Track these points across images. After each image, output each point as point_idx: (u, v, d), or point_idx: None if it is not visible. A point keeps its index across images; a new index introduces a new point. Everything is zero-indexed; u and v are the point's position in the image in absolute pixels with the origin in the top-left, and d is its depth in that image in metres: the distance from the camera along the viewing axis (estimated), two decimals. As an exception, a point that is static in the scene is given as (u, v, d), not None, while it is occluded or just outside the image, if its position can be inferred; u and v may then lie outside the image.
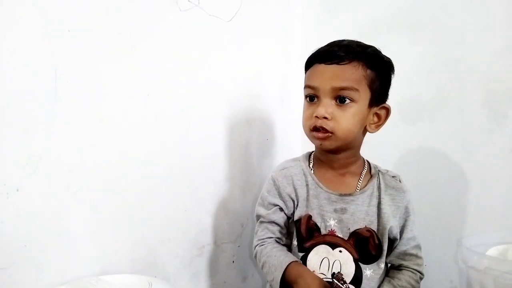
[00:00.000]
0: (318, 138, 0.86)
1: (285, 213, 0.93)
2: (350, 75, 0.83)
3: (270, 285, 0.89)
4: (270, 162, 1.31)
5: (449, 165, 1.12)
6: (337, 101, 0.84)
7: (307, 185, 0.91)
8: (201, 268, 1.11)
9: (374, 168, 0.94)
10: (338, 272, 0.85)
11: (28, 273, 0.80)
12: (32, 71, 0.80)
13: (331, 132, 0.84)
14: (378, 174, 0.93)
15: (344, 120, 0.84)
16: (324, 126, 0.84)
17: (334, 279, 0.81)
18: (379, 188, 0.91)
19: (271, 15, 1.32)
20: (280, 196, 0.92)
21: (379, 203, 0.89)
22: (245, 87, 1.23)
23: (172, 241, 1.05)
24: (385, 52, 0.90)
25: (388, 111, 0.90)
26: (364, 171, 0.92)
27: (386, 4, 1.24)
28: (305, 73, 0.92)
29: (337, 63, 0.84)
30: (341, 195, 0.89)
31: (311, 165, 0.94)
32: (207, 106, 1.12)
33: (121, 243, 0.95)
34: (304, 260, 0.87)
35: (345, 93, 0.83)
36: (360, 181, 0.91)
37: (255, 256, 0.93)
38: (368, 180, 0.92)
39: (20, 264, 0.79)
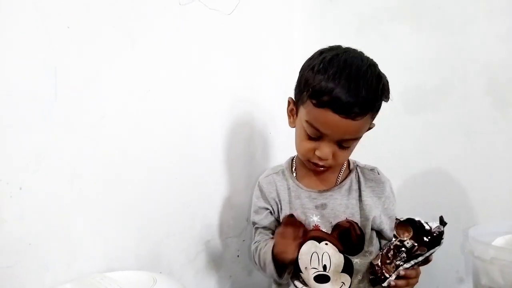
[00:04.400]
0: (318, 167, 0.88)
1: (274, 217, 0.97)
2: (360, 128, 0.82)
3: (273, 280, 0.95)
4: (273, 156, 1.30)
5: (453, 154, 1.12)
6: (339, 144, 0.84)
7: (288, 188, 0.95)
8: (206, 263, 1.11)
9: (353, 163, 0.96)
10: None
11: (33, 271, 0.80)
12: (32, 68, 0.79)
13: (330, 166, 0.88)
14: (356, 169, 0.95)
15: (343, 158, 0.87)
16: (325, 165, 0.87)
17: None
18: (358, 181, 0.93)
19: (271, 7, 1.31)
20: (267, 200, 0.97)
21: (359, 196, 0.92)
22: (247, 80, 1.22)
23: (177, 236, 1.05)
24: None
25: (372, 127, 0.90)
26: (343, 168, 0.95)
27: (387, -7, 1.23)
28: (308, 96, 0.81)
29: (352, 119, 0.79)
30: (320, 191, 0.92)
31: (293, 169, 0.98)
32: (209, 100, 1.11)
33: (126, 239, 0.95)
34: (296, 259, 0.90)
35: (349, 142, 0.85)
36: (339, 177, 0.94)
37: (254, 260, 0.97)
38: (347, 175, 0.94)
39: (25, 263, 0.79)
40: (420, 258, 0.78)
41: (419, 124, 1.18)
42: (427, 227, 0.77)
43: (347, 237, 0.89)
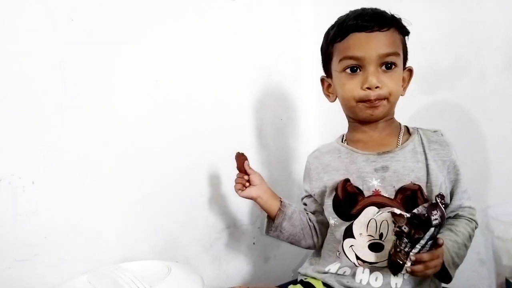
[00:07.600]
0: (372, 107, 0.84)
1: (313, 197, 0.94)
2: (393, 40, 0.84)
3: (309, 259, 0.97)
4: (285, 142, 1.29)
5: (471, 134, 1.09)
6: (383, 68, 0.83)
7: (340, 156, 0.91)
8: (222, 251, 1.11)
9: (412, 128, 0.92)
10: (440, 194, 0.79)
11: (50, 263, 0.81)
12: (38, 62, 0.80)
13: (385, 99, 0.84)
14: (418, 131, 0.90)
15: (393, 85, 0.84)
16: (380, 97, 0.83)
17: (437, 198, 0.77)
18: (422, 144, 0.88)
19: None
20: (310, 180, 0.93)
21: (426, 159, 0.86)
22: (256, 67, 1.21)
23: (192, 225, 1.05)
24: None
25: (411, 72, 0.91)
26: (402, 132, 0.91)
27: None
28: (333, 45, 0.87)
29: (379, 30, 0.83)
30: (379, 153, 0.87)
31: (343, 140, 0.94)
32: (218, 88, 1.10)
33: (141, 229, 0.96)
34: (350, 226, 0.85)
35: (391, 58, 0.83)
36: (399, 140, 0.89)
37: None
38: (408, 138, 0.90)
39: (42, 256, 0.80)
40: (423, 242, 0.75)
41: (435, 104, 1.15)
42: (414, 210, 0.75)
43: (413, 203, 0.82)
